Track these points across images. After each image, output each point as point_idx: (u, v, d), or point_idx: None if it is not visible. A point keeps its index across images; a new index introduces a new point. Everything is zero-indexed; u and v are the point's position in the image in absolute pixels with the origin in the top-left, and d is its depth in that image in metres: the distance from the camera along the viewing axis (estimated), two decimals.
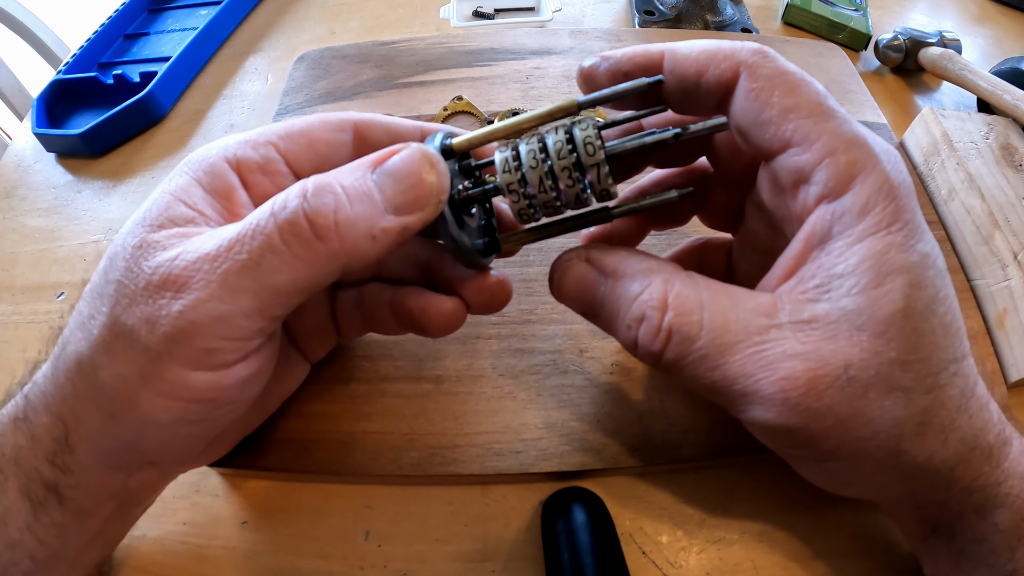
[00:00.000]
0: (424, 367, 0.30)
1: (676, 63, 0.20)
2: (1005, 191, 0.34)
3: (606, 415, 0.28)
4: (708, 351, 0.18)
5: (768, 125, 0.19)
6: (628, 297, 0.20)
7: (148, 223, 0.19)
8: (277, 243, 0.18)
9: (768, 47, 0.20)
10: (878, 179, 0.18)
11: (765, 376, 0.18)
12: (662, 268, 0.20)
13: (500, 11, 0.54)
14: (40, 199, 0.43)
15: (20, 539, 0.20)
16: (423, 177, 0.19)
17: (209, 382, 0.19)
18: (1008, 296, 0.31)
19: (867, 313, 0.17)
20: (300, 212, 0.18)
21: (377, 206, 0.19)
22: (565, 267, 0.21)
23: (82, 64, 0.50)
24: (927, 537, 0.21)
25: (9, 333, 0.35)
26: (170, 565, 0.26)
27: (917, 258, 0.18)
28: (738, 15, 0.52)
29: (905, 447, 0.18)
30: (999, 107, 0.40)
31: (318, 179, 0.19)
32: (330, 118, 0.23)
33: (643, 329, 0.19)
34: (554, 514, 0.25)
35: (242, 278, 0.18)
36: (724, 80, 0.19)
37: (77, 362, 0.19)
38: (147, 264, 0.18)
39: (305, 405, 0.28)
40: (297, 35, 0.54)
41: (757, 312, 0.18)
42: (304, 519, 0.27)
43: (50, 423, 0.20)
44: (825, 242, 0.18)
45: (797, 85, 0.19)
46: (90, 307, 0.19)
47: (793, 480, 0.27)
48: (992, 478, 0.19)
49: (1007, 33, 0.53)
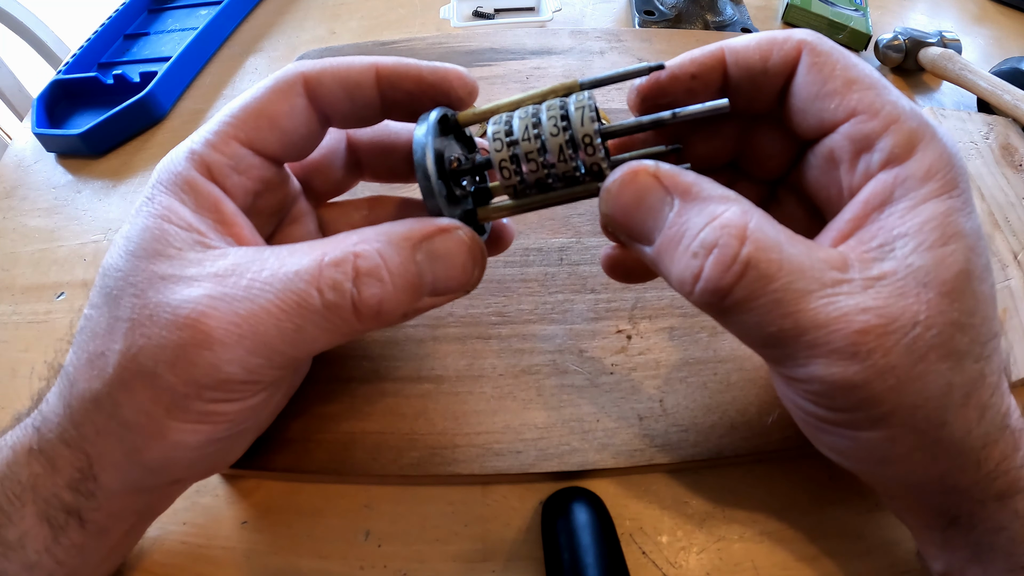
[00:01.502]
0: (424, 367, 0.30)
1: (739, 54, 0.21)
2: (1005, 191, 0.34)
3: (606, 415, 0.28)
4: (783, 295, 0.17)
5: (833, 96, 0.19)
6: (699, 221, 0.18)
7: (147, 253, 0.19)
8: (319, 319, 0.18)
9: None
10: (938, 147, 0.18)
11: (839, 328, 0.17)
12: (740, 198, 0.18)
13: (500, 11, 0.54)
14: (40, 199, 0.43)
15: (38, 561, 0.19)
16: (467, 269, 0.20)
17: (236, 408, 0.19)
18: (1008, 296, 0.31)
19: (933, 272, 0.17)
20: (348, 298, 0.18)
21: (419, 291, 0.19)
22: (626, 178, 0.19)
23: (82, 64, 0.50)
24: (944, 528, 0.20)
25: (9, 333, 0.35)
26: (170, 565, 0.26)
27: (974, 224, 0.18)
28: (738, 15, 0.52)
29: (949, 418, 0.17)
30: (999, 107, 0.40)
31: (366, 257, 0.18)
32: (280, 83, 0.21)
33: (714, 257, 0.17)
34: (554, 514, 0.25)
35: (279, 343, 0.18)
36: (789, 59, 0.20)
37: (94, 401, 0.19)
38: (168, 301, 0.18)
39: (305, 405, 0.28)
40: (297, 35, 0.54)
41: (829, 264, 0.18)
42: (304, 519, 0.27)
43: (71, 455, 0.19)
44: (886, 205, 0.18)
45: (855, 61, 0.20)
46: (96, 344, 0.19)
47: (793, 480, 0.27)
48: (1014, 462, 0.18)
49: (1007, 33, 0.53)
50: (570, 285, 0.32)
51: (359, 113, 0.23)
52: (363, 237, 0.19)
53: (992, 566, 0.20)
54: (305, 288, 0.18)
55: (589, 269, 0.33)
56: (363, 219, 0.27)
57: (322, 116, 0.22)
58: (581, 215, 0.35)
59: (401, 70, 0.22)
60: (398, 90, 0.22)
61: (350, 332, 0.19)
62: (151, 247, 0.19)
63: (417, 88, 0.22)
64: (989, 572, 0.20)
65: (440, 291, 0.20)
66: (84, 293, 0.36)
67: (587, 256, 0.33)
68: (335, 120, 0.23)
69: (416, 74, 0.22)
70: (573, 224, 0.35)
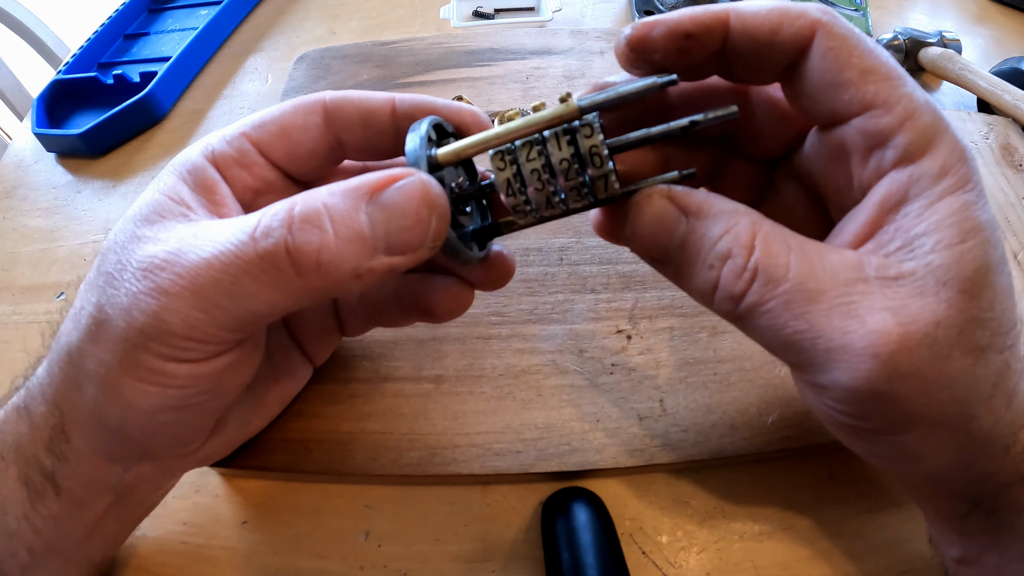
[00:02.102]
0: (424, 367, 0.30)
1: (746, 22, 0.19)
2: (1005, 191, 0.34)
3: (606, 415, 0.28)
4: (793, 296, 0.17)
5: (848, 86, 0.18)
6: (712, 236, 0.19)
7: (140, 219, 0.20)
8: (255, 270, 0.17)
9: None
10: (951, 142, 0.18)
11: (855, 329, 0.17)
12: (749, 211, 0.19)
13: (500, 11, 0.54)
14: (40, 199, 0.43)
15: (18, 529, 0.20)
16: (421, 218, 0.18)
17: (185, 371, 0.19)
18: None
19: (953, 269, 0.17)
20: (281, 244, 0.17)
21: (367, 245, 0.18)
22: (643, 203, 0.20)
23: (82, 64, 0.50)
24: (966, 515, 0.20)
25: (9, 333, 0.35)
26: (170, 565, 0.26)
27: (989, 216, 0.18)
28: None
29: (979, 411, 0.17)
30: (999, 107, 0.40)
31: (306, 204, 0.18)
32: (301, 102, 0.23)
33: (727, 268, 0.18)
34: (554, 514, 0.25)
35: (217, 295, 0.18)
36: (801, 37, 0.19)
37: (68, 351, 0.20)
38: (134, 256, 0.19)
39: (305, 405, 0.28)
40: (297, 35, 0.54)
41: (843, 265, 0.18)
42: (304, 519, 0.27)
43: (47, 411, 0.20)
44: (901, 205, 0.18)
45: (871, 48, 0.19)
46: (81, 299, 0.20)
47: (793, 480, 0.27)
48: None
49: (1007, 33, 0.53)
50: (570, 285, 0.32)
51: (373, 141, 0.23)
52: (311, 192, 0.18)
53: (1010, 550, 0.20)
54: (243, 239, 0.18)
55: (589, 269, 0.33)
56: None
57: (336, 140, 0.23)
58: (582, 215, 0.35)
59: (418, 104, 0.22)
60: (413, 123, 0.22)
61: (294, 289, 0.18)
62: (143, 214, 0.20)
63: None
64: (1006, 557, 0.20)
65: (396, 247, 0.18)
66: None
67: (587, 256, 0.33)
68: (349, 147, 0.23)
69: (431, 109, 0.22)
70: (573, 224, 0.35)
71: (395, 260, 0.18)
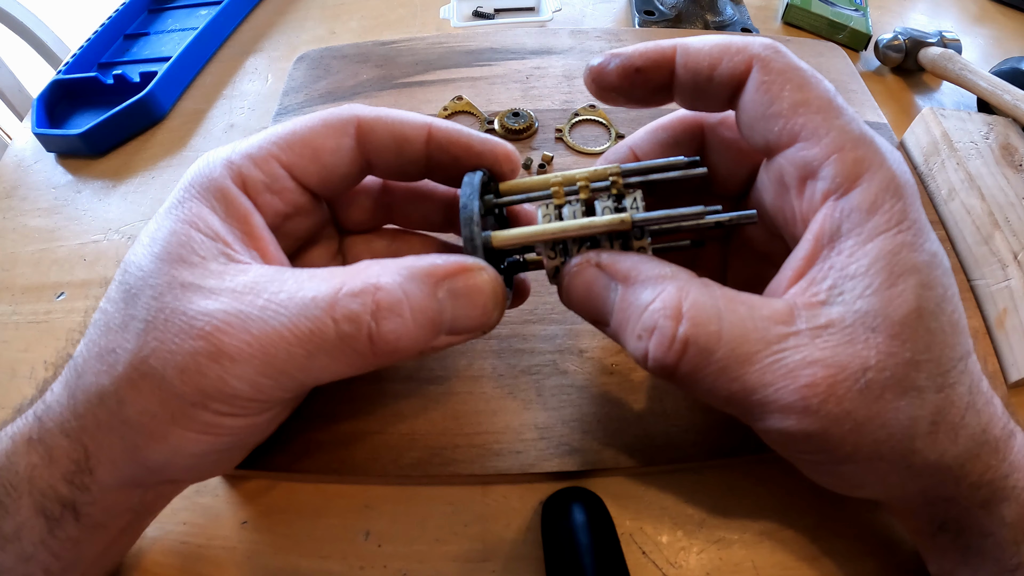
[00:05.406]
0: (424, 367, 0.30)
1: (689, 57, 0.20)
2: (1005, 191, 0.34)
3: (606, 415, 0.28)
4: (727, 363, 0.18)
5: (778, 118, 0.19)
6: (639, 305, 0.19)
7: (174, 258, 0.19)
8: (332, 350, 0.18)
9: (779, 44, 0.20)
10: (885, 177, 0.18)
11: (786, 384, 0.17)
12: (676, 275, 0.19)
13: (500, 11, 0.54)
14: (40, 199, 0.43)
15: (34, 553, 0.19)
16: (487, 310, 0.20)
17: (242, 424, 0.19)
18: (1008, 296, 0.31)
19: (882, 315, 0.17)
20: (364, 331, 0.18)
21: (437, 329, 0.19)
22: (574, 272, 0.21)
23: (82, 64, 0.50)
24: (934, 534, 0.21)
25: (9, 333, 0.35)
26: (170, 565, 0.26)
27: (927, 257, 0.17)
28: (738, 15, 0.52)
29: (918, 447, 0.18)
30: (999, 107, 0.40)
31: (388, 291, 0.18)
32: (332, 119, 0.22)
33: (655, 340, 0.18)
34: (554, 514, 0.25)
35: (289, 367, 0.18)
36: (737, 73, 0.19)
37: (99, 395, 0.19)
38: (185, 310, 0.18)
39: (305, 405, 0.28)
40: (297, 35, 0.54)
41: (774, 320, 0.18)
42: (304, 519, 0.27)
43: (69, 446, 0.19)
44: (835, 240, 0.18)
45: (808, 81, 0.19)
46: (108, 339, 0.19)
47: (793, 480, 0.27)
48: (999, 472, 0.19)
49: (1007, 33, 0.53)
50: None
51: (403, 167, 0.23)
52: (385, 269, 0.19)
53: (981, 570, 0.20)
54: (320, 316, 0.17)
55: None
56: (385, 248, 0.27)
57: (365, 161, 0.23)
58: None
59: (453, 136, 0.22)
60: (445, 153, 0.22)
61: (363, 365, 0.19)
62: (175, 252, 0.19)
63: (465, 155, 0.22)
64: (978, 575, 0.20)
65: (457, 330, 0.20)
66: (84, 293, 0.37)
67: None
68: (378, 169, 0.23)
69: (467, 142, 0.22)
70: None
71: (454, 339, 0.20)
